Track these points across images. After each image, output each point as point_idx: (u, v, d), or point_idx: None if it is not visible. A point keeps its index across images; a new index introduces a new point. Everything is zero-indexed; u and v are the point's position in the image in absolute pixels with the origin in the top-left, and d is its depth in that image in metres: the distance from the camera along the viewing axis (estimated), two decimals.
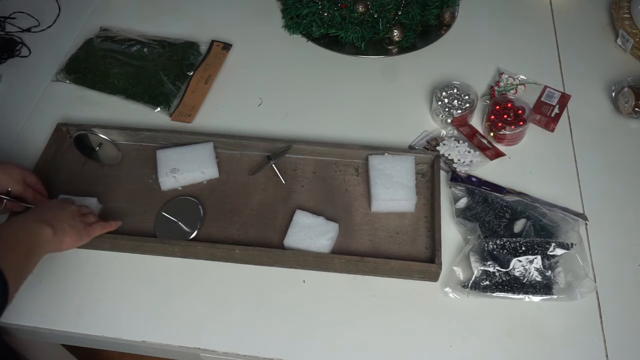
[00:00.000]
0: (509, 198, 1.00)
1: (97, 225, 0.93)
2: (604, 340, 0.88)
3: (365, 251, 0.97)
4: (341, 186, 1.05)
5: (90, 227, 0.92)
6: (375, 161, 1.02)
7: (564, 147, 1.11)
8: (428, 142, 1.10)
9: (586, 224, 1.00)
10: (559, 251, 0.92)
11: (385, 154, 1.04)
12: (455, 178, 1.04)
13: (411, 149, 1.09)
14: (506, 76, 1.19)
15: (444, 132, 1.12)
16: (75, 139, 1.06)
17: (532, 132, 1.12)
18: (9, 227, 0.84)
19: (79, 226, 0.90)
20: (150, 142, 1.10)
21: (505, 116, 1.09)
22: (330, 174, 1.06)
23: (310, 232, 0.95)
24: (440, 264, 0.92)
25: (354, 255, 0.93)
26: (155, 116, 1.17)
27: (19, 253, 0.81)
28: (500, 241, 0.93)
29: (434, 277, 0.93)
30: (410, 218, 1.00)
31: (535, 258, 0.92)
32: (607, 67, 1.23)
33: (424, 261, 0.94)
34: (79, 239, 0.89)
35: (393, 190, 0.99)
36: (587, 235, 0.99)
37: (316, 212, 0.99)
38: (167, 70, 1.21)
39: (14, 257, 0.79)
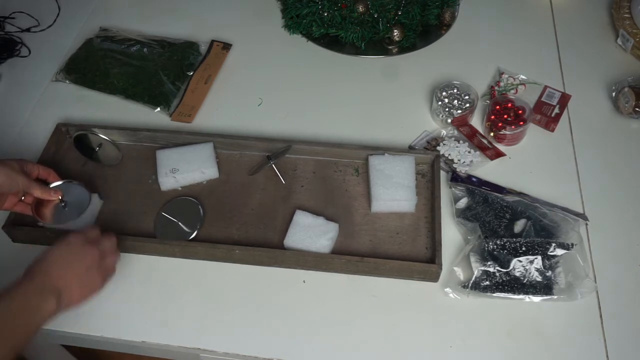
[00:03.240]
0: (509, 198, 1.00)
1: (110, 263, 0.87)
2: (604, 341, 0.88)
3: (365, 251, 0.96)
4: (341, 186, 1.05)
5: (106, 272, 0.86)
6: (375, 161, 1.02)
7: (564, 147, 1.11)
8: (428, 142, 1.10)
9: (586, 224, 1.00)
10: (559, 251, 0.92)
11: (385, 154, 1.04)
12: (456, 178, 1.04)
13: (411, 149, 1.09)
14: (506, 76, 1.19)
15: (444, 132, 1.12)
16: (75, 139, 1.06)
17: (533, 132, 1.12)
18: (6, 299, 0.75)
19: (93, 279, 0.83)
20: (150, 142, 1.10)
21: (506, 116, 1.09)
22: (330, 174, 1.06)
23: (310, 232, 0.95)
24: (441, 264, 0.92)
25: (354, 255, 0.93)
26: (155, 116, 1.17)
27: (11, 335, 0.73)
28: (501, 241, 0.93)
29: (434, 277, 0.93)
30: (410, 218, 1.00)
31: (536, 258, 0.92)
32: (608, 67, 1.23)
33: (424, 261, 0.94)
34: (89, 295, 0.84)
35: (393, 191, 0.99)
36: (588, 236, 0.99)
37: (316, 212, 0.99)
38: (167, 70, 1.21)
39: (5, 340, 0.72)
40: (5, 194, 0.93)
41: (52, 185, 0.98)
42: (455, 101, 1.12)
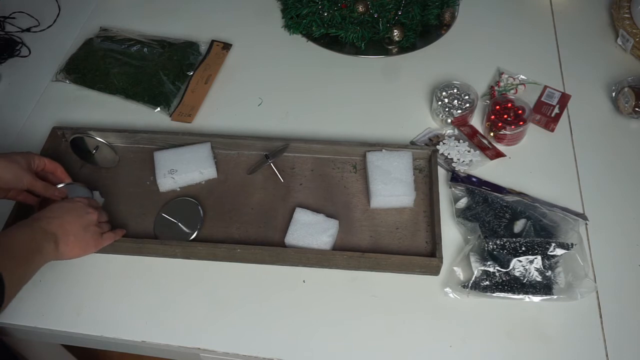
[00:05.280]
0: (509, 198, 1.00)
1: (106, 237, 0.93)
2: (604, 340, 0.88)
3: (365, 247, 0.97)
4: (340, 183, 1.05)
5: (100, 239, 0.92)
6: (373, 157, 1.03)
7: (564, 147, 1.11)
8: (430, 140, 1.10)
9: (586, 224, 1.00)
10: (559, 251, 0.92)
11: (383, 150, 1.04)
12: (456, 178, 1.04)
13: (413, 144, 1.09)
14: (506, 76, 1.19)
15: (447, 130, 1.12)
16: (71, 142, 1.06)
17: (532, 132, 1.12)
18: (17, 234, 0.83)
19: (87, 238, 0.89)
20: (147, 143, 1.09)
21: (505, 116, 1.09)
22: (328, 172, 1.06)
23: (311, 229, 0.95)
24: (441, 257, 0.92)
25: (355, 251, 0.93)
26: (155, 116, 1.17)
27: (21, 262, 0.81)
28: (500, 241, 0.93)
29: (435, 271, 0.93)
30: (409, 213, 1.00)
31: (535, 258, 0.92)
32: (607, 67, 1.23)
33: (424, 255, 0.94)
34: (81, 252, 0.90)
35: (392, 186, 0.99)
36: (587, 235, 0.99)
37: (315, 210, 0.99)
38: (167, 70, 1.21)
39: (16, 266, 0.80)
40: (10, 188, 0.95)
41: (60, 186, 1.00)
42: (455, 101, 1.12)
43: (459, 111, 1.11)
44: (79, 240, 0.88)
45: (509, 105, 1.10)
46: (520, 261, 0.92)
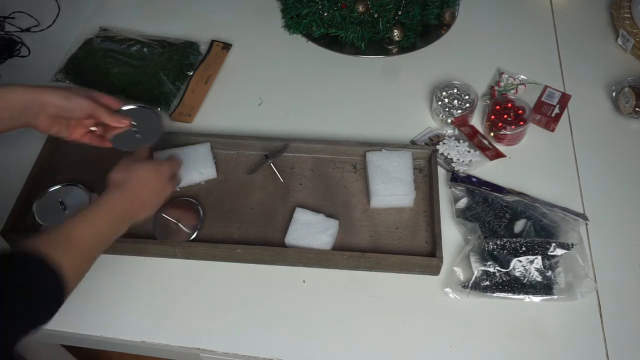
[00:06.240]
0: (509, 198, 0.99)
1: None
2: (605, 340, 0.88)
3: (365, 247, 0.97)
4: (339, 183, 1.05)
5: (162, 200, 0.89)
6: (373, 157, 1.03)
7: (564, 147, 1.11)
8: (430, 139, 1.10)
9: (586, 224, 1.00)
10: (559, 251, 0.92)
11: (383, 149, 1.04)
12: (456, 178, 1.04)
13: (413, 143, 1.09)
14: (506, 76, 1.19)
15: (448, 130, 1.12)
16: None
17: (533, 132, 1.12)
18: (93, 220, 0.78)
19: (153, 209, 0.87)
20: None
21: (506, 116, 1.09)
22: (328, 172, 1.06)
23: (311, 229, 0.95)
24: (442, 257, 0.92)
25: (355, 251, 0.93)
26: None
27: (88, 252, 0.77)
28: (501, 241, 0.93)
29: (435, 271, 0.93)
30: (409, 213, 1.00)
31: (536, 258, 0.92)
32: (608, 66, 1.23)
33: (425, 255, 0.94)
34: (144, 217, 0.87)
35: (392, 186, 0.99)
36: (588, 235, 0.99)
37: (315, 210, 0.99)
38: (167, 70, 1.21)
39: (80, 258, 0.75)
40: (71, 122, 0.89)
41: (123, 109, 0.92)
42: (455, 101, 1.12)
43: (459, 111, 1.11)
44: (148, 212, 0.86)
45: (509, 105, 1.10)
46: (520, 261, 0.92)
